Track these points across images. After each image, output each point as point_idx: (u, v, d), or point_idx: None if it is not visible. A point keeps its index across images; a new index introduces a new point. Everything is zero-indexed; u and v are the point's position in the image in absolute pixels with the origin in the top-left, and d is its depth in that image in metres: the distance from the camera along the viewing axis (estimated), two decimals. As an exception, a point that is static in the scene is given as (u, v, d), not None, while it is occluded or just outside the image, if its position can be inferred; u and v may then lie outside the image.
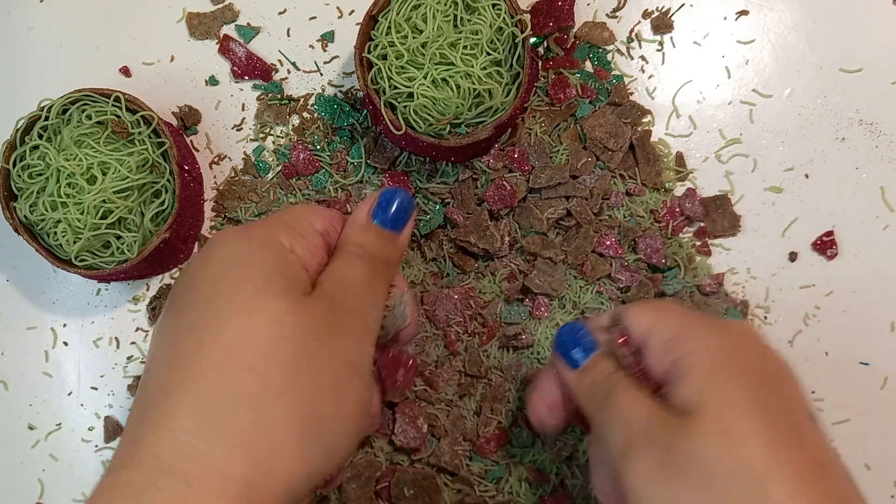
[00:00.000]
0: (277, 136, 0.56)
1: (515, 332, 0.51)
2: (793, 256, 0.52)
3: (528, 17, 0.53)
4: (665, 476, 0.32)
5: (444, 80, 0.47)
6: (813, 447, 0.33)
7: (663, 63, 0.54)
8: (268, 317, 0.32)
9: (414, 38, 0.48)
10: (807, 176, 0.53)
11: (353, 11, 0.56)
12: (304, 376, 0.32)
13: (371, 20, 0.49)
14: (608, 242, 0.51)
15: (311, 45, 0.57)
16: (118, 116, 0.50)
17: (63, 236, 0.49)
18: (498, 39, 0.48)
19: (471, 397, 0.51)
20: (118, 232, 0.50)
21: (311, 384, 0.32)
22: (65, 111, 0.51)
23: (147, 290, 0.56)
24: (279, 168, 0.55)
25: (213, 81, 0.57)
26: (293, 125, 0.56)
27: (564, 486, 0.50)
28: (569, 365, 0.40)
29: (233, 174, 0.56)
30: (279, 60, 0.57)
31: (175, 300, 0.35)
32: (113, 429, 0.55)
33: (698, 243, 0.52)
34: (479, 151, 0.52)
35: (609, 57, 0.54)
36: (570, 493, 0.50)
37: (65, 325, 0.56)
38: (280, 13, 0.57)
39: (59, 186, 0.49)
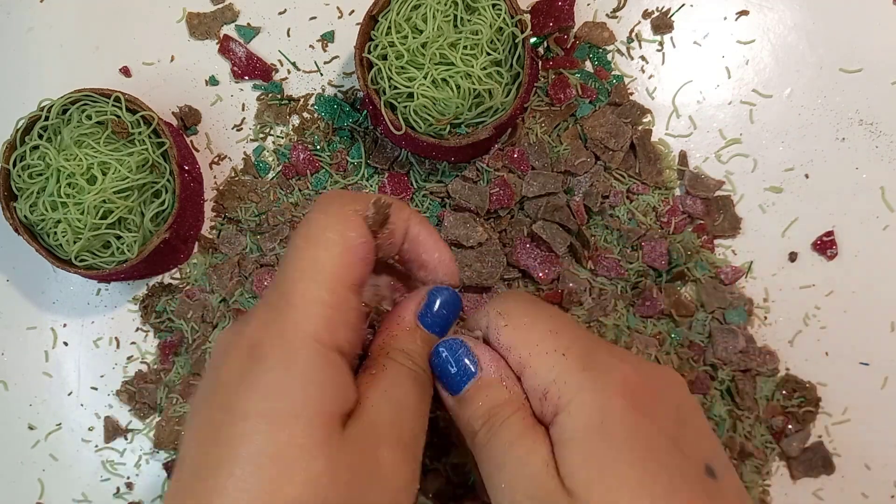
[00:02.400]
0: (277, 136, 0.56)
1: None
2: (793, 256, 0.52)
3: (528, 17, 0.53)
4: None
5: (444, 80, 0.47)
6: None
7: (663, 63, 0.54)
8: (302, 480, 0.30)
9: (414, 38, 0.48)
10: (807, 176, 0.53)
11: (353, 11, 0.56)
12: None
13: (371, 20, 0.49)
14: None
15: (311, 45, 0.57)
16: (118, 116, 0.50)
17: (63, 236, 0.49)
18: (498, 39, 0.48)
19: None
20: (118, 232, 0.50)
21: None
22: (65, 111, 0.51)
23: (147, 290, 0.56)
24: (279, 168, 0.55)
25: (213, 81, 0.57)
26: (293, 125, 0.56)
27: None
28: (448, 388, 0.36)
29: (233, 174, 0.56)
30: (279, 60, 0.57)
31: (213, 414, 0.32)
32: (113, 429, 0.55)
33: (702, 238, 0.52)
34: (479, 151, 0.52)
35: (609, 57, 0.54)
36: None
37: (65, 325, 0.56)
38: (280, 13, 0.57)
39: (59, 186, 0.49)
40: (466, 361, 0.36)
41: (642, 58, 0.55)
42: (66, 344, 0.56)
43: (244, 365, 0.32)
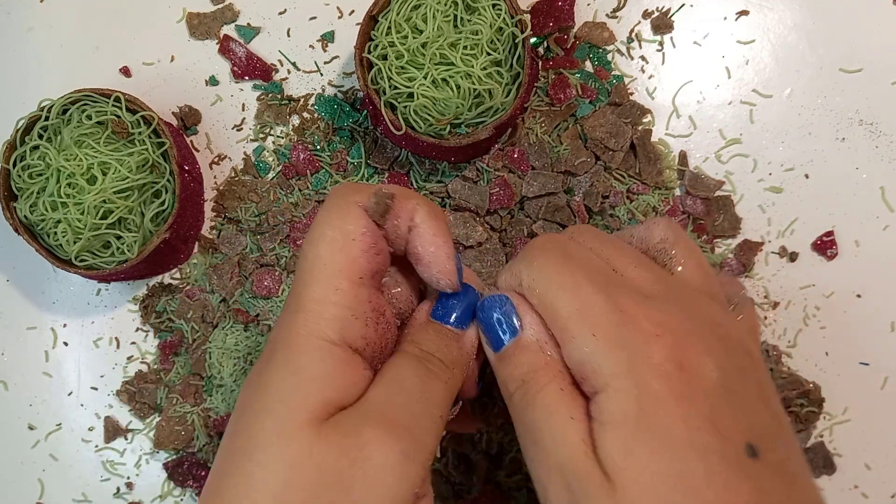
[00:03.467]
0: (277, 136, 0.56)
1: None
2: (793, 256, 0.52)
3: (528, 17, 0.53)
4: None
5: (444, 80, 0.47)
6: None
7: (663, 63, 0.54)
8: (284, 462, 0.31)
9: (414, 38, 0.48)
10: (807, 176, 0.53)
11: (353, 11, 0.56)
12: None
13: (371, 20, 0.49)
14: None
15: (311, 45, 0.57)
16: (118, 116, 0.50)
17: (63, 236, 0.49)
18: (498, 39, 0.48)
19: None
20: (118, 232, 0.50)
21: None
22: (65, 111, 0.51)
23: (147, 290, 0.56)
24: (279, 168, 0.55)
25: (213, 81, 0.57)
26: (293, 125, 0.56)
27: None
28: (490, 344, 0.36)
29: (233, 174, 0.56)
30: (279, 60, 0.57)
31: (235, 414, 0.34)
32: (113, 429, 0.55)
33: (702, 238, 0.52)
34: (479, 151, 0.52)
35: (609, 57, 0.54)
36: None
37: (65, 325, 0.56)
38: (280, 13, 0.57)
39: (59, 186, 0.49)
40: (509, 319, 0.35)
41: (642, 58, 0.55)
42: (66, 344, 0.56)
43: (260, 366, 0.34)
